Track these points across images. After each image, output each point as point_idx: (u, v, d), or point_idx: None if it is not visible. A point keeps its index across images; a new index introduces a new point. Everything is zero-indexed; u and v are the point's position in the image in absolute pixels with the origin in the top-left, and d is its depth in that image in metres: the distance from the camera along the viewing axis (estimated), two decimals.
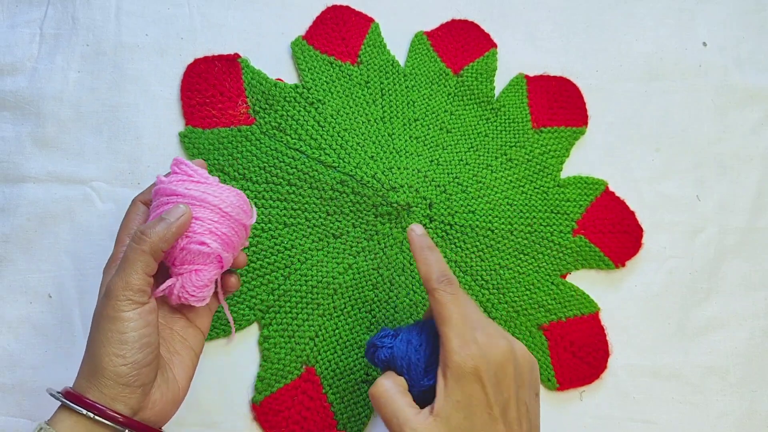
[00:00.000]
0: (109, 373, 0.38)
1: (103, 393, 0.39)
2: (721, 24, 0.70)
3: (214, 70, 0.60)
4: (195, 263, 0.42)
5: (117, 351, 0.38)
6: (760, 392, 0.61)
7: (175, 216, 0.41)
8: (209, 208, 0.42)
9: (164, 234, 0.40)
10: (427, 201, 0.59)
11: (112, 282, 0.40)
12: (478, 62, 0.65)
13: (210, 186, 0.43)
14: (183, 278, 0.42)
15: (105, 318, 0.39)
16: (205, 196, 0.42)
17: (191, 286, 0.42)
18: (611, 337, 0.60)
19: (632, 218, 0.63)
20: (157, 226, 0.40)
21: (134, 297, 0.39)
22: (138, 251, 0.40)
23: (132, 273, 0.39)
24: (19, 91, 0.58)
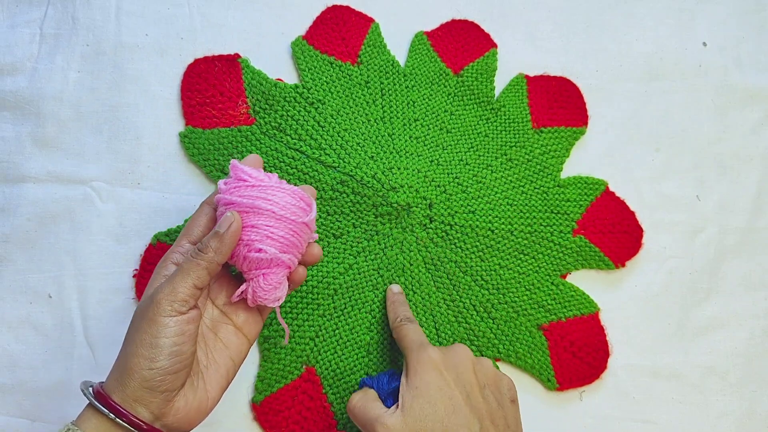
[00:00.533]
0: (135, 374, 0.39)
1: (126, 394, 0.39)
2: (721, 24, 0.70)
3: (214, 70, 0.60)
4: (261, 268, 0.43)
5: (147, 354, 0.39)
6: (760, 392, 0.61)
7: (224, 227, 0.41)
8: (263, 214, 0.42)
9: (218, 247, 0.41)
10: (427, 201, 0.59)
11: (161, 287, 0.40)
12: (478, 62, 0.65)
13: (263, 189, 0.43)
14: (253, 283, 0.43)
15: (143, 319, 0.40)
16: (257, 203, 0.42)
17: (261, 290, 0.43)
18: (611, 337, 0.60)
19: (632, 218, 0.63)
20: (211, 241, 0.41)
21: (176, 306, 0.39)
22: (193, 264, 0.40)
23: (181, 283, 0.40)
24: (19, 91, 0.58)
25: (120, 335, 0.55)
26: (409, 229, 0.58)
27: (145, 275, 0.55)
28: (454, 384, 0.45)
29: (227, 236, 0.41)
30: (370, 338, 0.56)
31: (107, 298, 0.56)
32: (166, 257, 0.44)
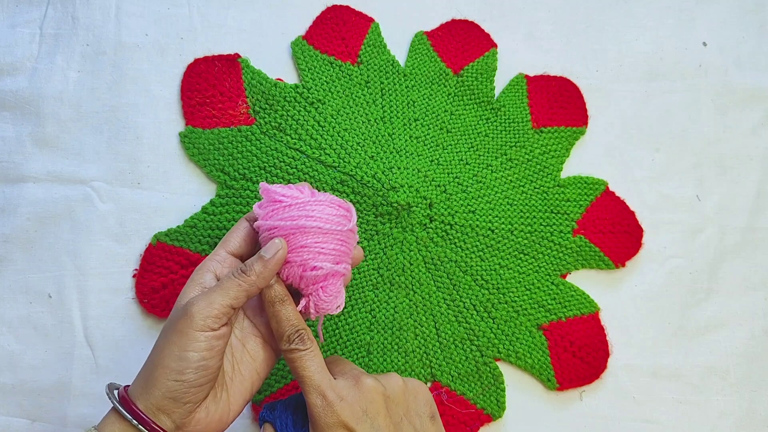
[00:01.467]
0: (160, 384, 0.39)
1: (150, 402, 0.39)
2: (721, 24, 0.70)
3: (214, 70, 0.60)
4: (318, 282, 0.43)
5: (174, 366, 0.38)
6: (760, 392, 0.61)
7: (271, 253, 0.41)
8: (310, 232, 0.42)
9: (261, 273, 0.41)
10: (427, 201, 0.59)
11: (196, 301, 0.40)
12: (478, 62, 0.65)
13: (302, 207, 0.43)
14: (313, 297, 0.43)
15: (174, 331, 0.39)
16: (301, 222, 0.42)
17: (323, 302, 0.43)
18: (611, 337, 0.60)
19: (632, 218, 0.63)
20: (255, 264, 0.41)
21: (209, 321, 0.39)
22: (234, 284, 0.40)
23: (218, 299, 0.40)
24: (19, 91, 0.58)
25: (120, 335, 0.55)
26: (409, 229, 0.58)
27: (145, 275, 0.55)
28: None
29: (272, 263, 0.41)
30: (370, 338, 0.56)
31: (107, 298, 0.56)
32: (203, 266, 0.43)
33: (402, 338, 0.57)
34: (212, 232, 0.56)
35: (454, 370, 0.57)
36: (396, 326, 0.57)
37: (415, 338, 0.57)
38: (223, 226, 0.56)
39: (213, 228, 0.56)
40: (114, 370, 0.54)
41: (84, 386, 0.54)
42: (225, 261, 0.43)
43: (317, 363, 0.42)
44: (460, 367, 0.57)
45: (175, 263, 0.55)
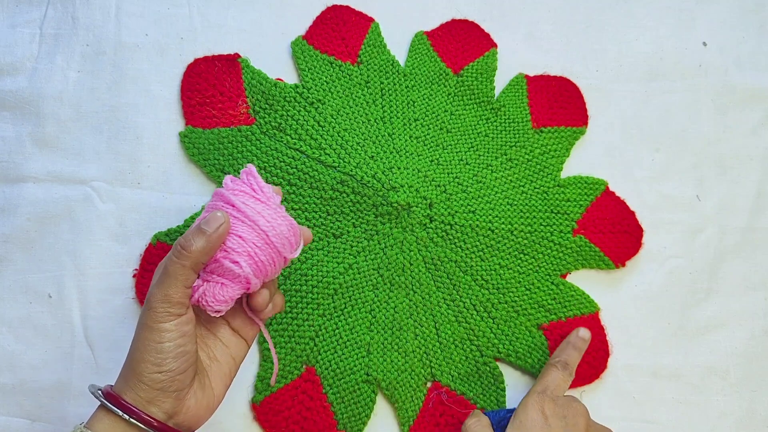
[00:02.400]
0: (145, 378, 0.39)
1: (140, 396, 0.40)
2: (721, 24, 0.70)
3: (214, 70, 0.60)
4: (224, 277, 0.42)
5: (153, 359, 0.39)
6: (760, 392, 0.61)
7: (213, 226, 0.40)
8: (256, 231, 0.42)
9: (204, 247, 0.40)
10: (427, 201, 0.59)
11: (152, 294, 0.40)
12: (478, 62, 0.65)
13: (267, 208, 0.42)
14: (207, 286, 0.42)
15: (144, 327, 0.40)
16: (257, 218, 0.41)
17: (212, 298, 0.42)
18: (611, 337, 0.60)
19: (632, 218, 0.63)
20: (196, 238, 0.40)
21: (172, 309, 0.40)
22: (178, 266, 0.40)
23: (171, 286, 0.40)
24: (19, 91, 0.58)
25: (120, 335, 0.55)
26: (409, 229, 0.58)
27: (145, 275, 0.55)
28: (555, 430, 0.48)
29: (213, 237, 0.40)
30: (370, 338, 0.56)
31: (107, 298, 0.56)
32: (164, 261, 0.43)
33: (402, 338, 0.57)
34: None
35: (454, 370, 0.57)
36: (396, 326, 0.57)
37: (415, 338, 0.57)
38: None
39: None
40: (114, 370, 0.54)
41: (84, 386, 0.54)
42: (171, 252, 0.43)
43: (556, 380, 0.54)
44: (460, 367, 0.57)
45: None
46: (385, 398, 0.56)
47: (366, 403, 0.55)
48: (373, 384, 0.56)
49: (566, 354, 0.55)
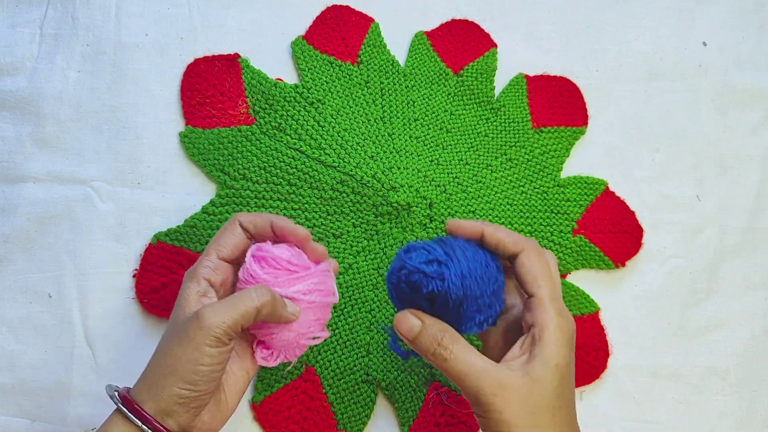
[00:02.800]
0: (170, 390, 0.39)
1: (159, 406, 0.39)
2: (721, 24, 0.70)
3: (214, 70, 0.60)
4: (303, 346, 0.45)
5: (187, 377, 0.39)
6: (760, 392, 0.61)
7: (289, 312, 0.42)
8: (314, 306, 0.43)
9: (280, 317, 0.42)
10: (427, 201, 0.59)
11: (213, 314, 0.39)
12: (478, 62, 0.65)
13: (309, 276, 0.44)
14: (286, 353, 0.45)
15: (187, 342, 0.39)
16: (315, 298, 0.43)
17: (292, 356, 0.46)
18: (611, 337, 0.60)
19: (632, 218, 0.63)
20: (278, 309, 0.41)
21: (223, 338, 0.39)
22: (252, 311, 0.40)
23: (233, 319, 0.39)
24: (19, 91, 0.58)
25: (120, 335, 0.55)
26: (409, 229, 0.58)
27: (145, 275, 0.55)
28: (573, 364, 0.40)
29: (288, 316, 0.42)
30: (370, 338, 0.56)
31: (107, 298, 0.56)
32: (196, 272, 0.43)
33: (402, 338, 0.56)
34: (212, 232, 0.56)
35: None
36: None
37: None
38: None
39: (213, 228, 0.56)
40: (114, 370, 0.54)
41: (84, 386, 0.54)
42: (218, 268, 0.44)
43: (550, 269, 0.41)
44: None
45: (175, 263, 0.55)
46: (385, 398, 0.56)
47: (366, 403, 0.55)
48: (373, 384, 0.56)
49: None
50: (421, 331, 0.39)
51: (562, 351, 0.37)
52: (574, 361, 0.39)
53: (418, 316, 0.40)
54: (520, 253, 0.41)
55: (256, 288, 0.41)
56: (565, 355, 0.37)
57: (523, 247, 0.41)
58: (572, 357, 0.39)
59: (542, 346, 0.37)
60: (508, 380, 0.37)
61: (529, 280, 0.40)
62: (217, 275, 0.44)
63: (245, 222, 0.45)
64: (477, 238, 0.42)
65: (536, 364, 0.37)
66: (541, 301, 0.39)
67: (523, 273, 0.40)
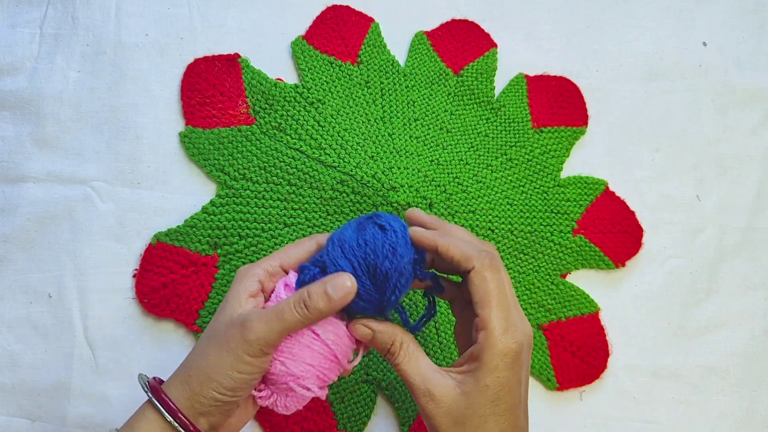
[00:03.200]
0: (207, 394, 0.39)
1: (194, 407, 0.39)
2: (721, 24, 0.70)
3: (214, 70, 0.60)
4: (295, 393, 0.42)
5: (227, 383, 0.39)
6: (760, 392, 0.61)
7: (340, 294, 0.39)
8: (323, 351, 0.41)
9: (326, 312, 0.40)
10: (427, 201, 0.59)
11: (256, 326, 0.39)
12: (478, 62, 0.65)
13: (332, 324, 0.41)
14: (278, 397, 0.42)
15: (230, 350, 0.39)
16: (325, 337, 0.41)
17: (283, 408, 0.42)
18: (611, 337, 0.60)
19: (632, 218, 0.63)
20: (321, 301, 0.39)
21: (265, 349, 0.39)
22: (294, 318, 0.39)
23: (277, 329, 0.39)
24: (19, 91, 0.58)
25: (120, 335, 0.55)
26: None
27: (145, 275, 0.55)
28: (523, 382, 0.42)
29: (337, 304, 0.40)
30: None
31: (107, 298, 0.56)
32: (252, 271, 0.42)
33: None
34: (212, 232, 0.56)
35: None
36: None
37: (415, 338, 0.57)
38: (223, 225, 0.56)
39: (213, 228, 0.56)
40: (114, 370, 0.54)
41: (84, 386, 0.54)
42: (276, 275, 0.43)
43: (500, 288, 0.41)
44: None
45: (175, 263, 0.55)
46: (385, 398, 0.56)
47: (366, 403, 0.55)
48: (373, 384, 0.56)
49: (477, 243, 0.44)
50: (373, 338, 0.42)
51: (497, 372, 0.39)
52: (518, 376, 0.40)
53: (368, 326, 0.42)
54: (470, 270, 0.41)
55: (292, 297, 0.40)
56: (500, 376, 0.39)
57: (473, 264, 0.41)
58: (512, 375, 0.40)
59: (479, 365, 0.39)
60: (441, 390, 0.40)
61: (476, 300, 0.41)
62: (271, 281, 0.43)
63: (321, 242, 0.44)
64: (430, 251, 0.43)
65: (468, 380, 0.39)
66: (484, 322, 0.40)
67: (472, 292, 0.41)
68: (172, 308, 0.55)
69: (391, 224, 0.41)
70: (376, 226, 0.41)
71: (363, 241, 0.41)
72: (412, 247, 0.41)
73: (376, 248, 0.40)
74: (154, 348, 0.55)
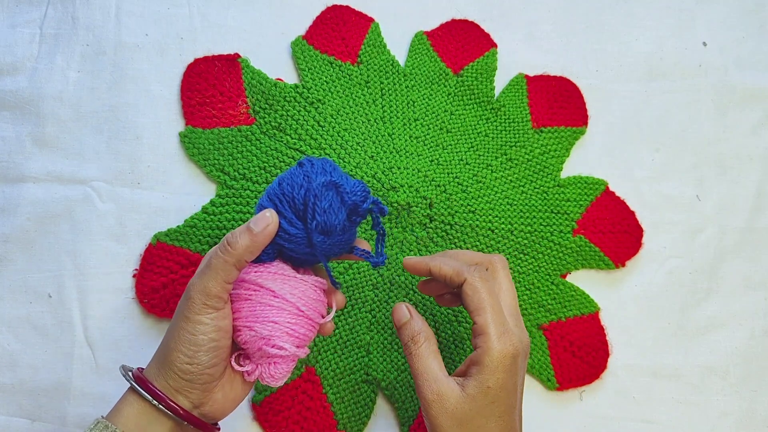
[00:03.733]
0: (175, 368, 0.40)
1: (169, 384, 0.40)
2: (721, 24, 0.70)
3: (214, 70, 0.60)
4: (273, 358, 0.42)
5: (185, 350, 0.40)
6: (760, 392, 0.61)
7: (261, 226, 0.40)
8: (286, 309, 0.41)
9: (249, 246, 0.40)
10: (427, 201, 0.59)
11: (192, 285, 0.40)
12: (478, 62, 0.65)
13: (288, 279, 0.42)
14: (262, 368, 0.42)
15: (181, 317, 0.40)
16: (283, 292, 0.41)
17: (270, 378, 0.42)
18: (611, 337, 0.60)
19: (632, 218, 0.63)
20: (242, 236, 0.40)
21: (210, 302, 0.40)
22: (221, 260, 0.40)
23: (211, 279, 0.40)
24: (19, 91, 0.58)
25: (120, 335, 0.55)
26: (409, 229, 0.58)
27: (145, 275, 0.55)
28: (519, 385, 0.44)
29: (260, 237, 0.40)
30: (370, 338, 0.56)
31: (107, 298, 0.56)
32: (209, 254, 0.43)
33: None
34: (212, 232, 0.56)
35: (454, 370, 0.57)
36: None
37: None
38: (223, 226, 0.56)
39: (213, 228, 0.56)
40: (114, 370, 0.54)
41: (84, 386, 0.54)
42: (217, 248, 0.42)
43: (494, 296, 0.44)
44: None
45: (175, 263, 0.55)
46: (385, 398, 0.56)
47: (366, 403, 0.55)
48: (373, 384, 0.56)
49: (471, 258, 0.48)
50: (407, 322, 0.45)
51: (496, 375, 0.41)
52: (515, 379, 0.43)
53: (409, 311, 0.45)
54: (463, 283, 0.44)
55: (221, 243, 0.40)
56: (499, 378, 0.42)
57: (465, 277, 0.44)
58: (510, 378, 0.42)
59: (479, 369, 0.42)
60: (447, 392, 0.42)
61: (471, 309, 0.44)
62: None
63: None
64: (425, 274, 0.46)
65: (470, 384, 0.42)
66: (482, 328, 0.42)
67: (467, 302, 0.44)
68: (172, 308, 0.55)
69: (311, 160, 0.42)
70: (297, 166, 0.42)
71: (282, 179, 0.42)
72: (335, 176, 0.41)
73: (293, 182, 0.41)
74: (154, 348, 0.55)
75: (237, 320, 0.41)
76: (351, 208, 0.41)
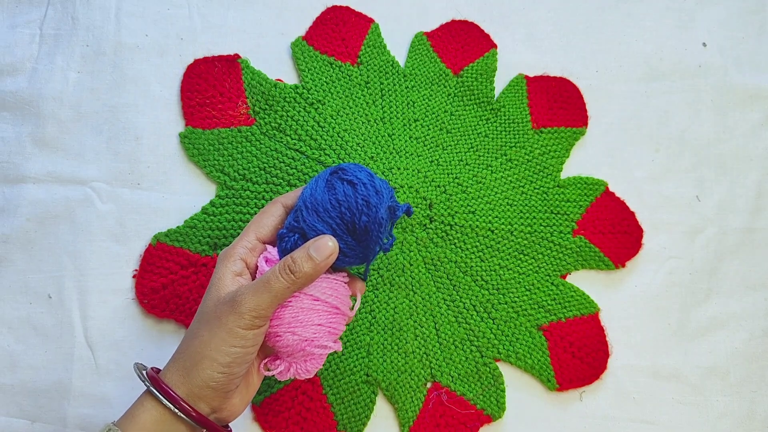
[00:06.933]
0: (205, 375, 0.39)
1: (191, 390, 0.40)
2: (721, 24, 0.70)
3: (214, 71, 0.60)
4: (311, 354, 0.43)
5: (221, 360, 0.39)
6: (760, 393, 0.61)
7: (323, 255, 0.40)
8: (325, 308, 0.42)
9: (311, 274, 0.40)
10: (427, 201, 0.59)
11: (246, 298, 0.39)
12: (478, 63, 0.65)
13: (323, 281, 0.43)
14: (297, 365, 0.43)
15: (221, 326, 0.40)
16: (323, 296, 0.42)
17: (305, 373, 0.43)
18: (611, 337, 0.60)
19: (632, 218, 0.63)
20: (305, 265, 0.40)
21: (257, 321, 0.40)
22: (284, 286, 0.40)
23: (266, 300, 0.40)
24: (19, 91, 0.58)
25: (120, 335, 0.55)
26: (409, 229, 0.58)
27: (145, 275, 0.55)
28: None
29: (322, 266, 0.40)
30: (370, 338, 0.56)
31: (107, 298, 0.56)
32: (233, 252, 0.43)
33: (402, 339, 0.57)
34: (212, 232, 0.56)
35: (454, 371, 0.57)
36: (396, 327, 0.57)
37: (415, 339, 0.57)
38: (223, 226, 0.56)
39: (213, 228, 0.56)
40: (114, 371, 0.54)
41: (84, 386, 0.54)
42: (255, 248, 0.43)
43: None
44: (460, 368, 0.57)
45: (175, 263, 0.55)
46: (385, 398, 0.56)
47: (366, 403, 0.55)
48: (373, 384, 0.56)
49: None
50: None
51: None
52: None
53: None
54: None
55: (277, 265, 0.41)
56: None
57: None
58: None
59: None
60: None
61: None
62: (252, 256, 0.43)
63: (285, 202, 0.45)
64: None
65: None
66: None
67: None
68: (172, 309, 0.55)
69: (358, 177, 0.42)
70: (345, 183, 0.42)
71: (336, 201, 0.41)
72: (383, 191, 0.42)
73: (350, 206, 0.41)
74: (154, 349, 0.55)
75: (278, 326, 0.42)
76: (393, 220, 0.43)
